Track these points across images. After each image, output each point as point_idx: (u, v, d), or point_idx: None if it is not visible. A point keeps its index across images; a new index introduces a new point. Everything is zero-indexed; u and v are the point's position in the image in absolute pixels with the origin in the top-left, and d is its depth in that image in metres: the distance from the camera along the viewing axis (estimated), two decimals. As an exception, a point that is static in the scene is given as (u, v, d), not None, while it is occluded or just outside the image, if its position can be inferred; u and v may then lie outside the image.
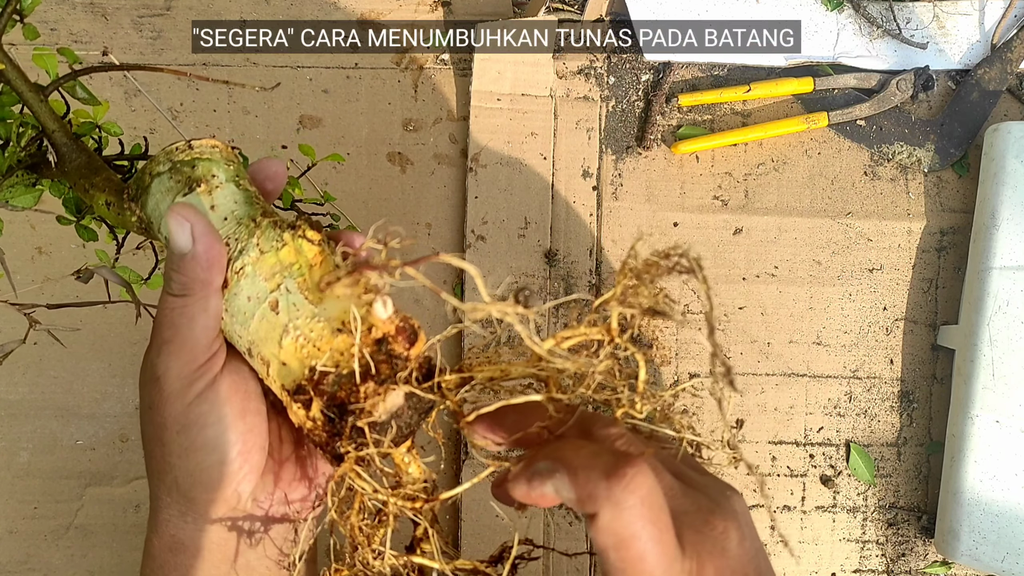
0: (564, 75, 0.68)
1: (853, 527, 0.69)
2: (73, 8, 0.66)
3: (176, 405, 0.35)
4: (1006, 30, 0.70)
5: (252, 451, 0.37)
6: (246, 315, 0.36)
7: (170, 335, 0.35)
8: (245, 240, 0.36)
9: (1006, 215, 0.64)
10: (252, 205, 0.37)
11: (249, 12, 0.67)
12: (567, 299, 0.35)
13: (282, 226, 0.36)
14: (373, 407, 0.34)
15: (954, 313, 0.69)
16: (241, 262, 0.36)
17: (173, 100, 0.67)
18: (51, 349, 0.65)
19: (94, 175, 0.38)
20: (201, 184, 0.36)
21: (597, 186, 0.68)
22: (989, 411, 0.63)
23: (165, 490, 0.37)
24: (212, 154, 0.38)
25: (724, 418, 0.32)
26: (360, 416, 0.34)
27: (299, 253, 0.36)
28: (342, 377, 0.34)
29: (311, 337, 0.35)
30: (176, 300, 0.35)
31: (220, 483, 0.36)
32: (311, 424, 0.34)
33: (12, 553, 0.64)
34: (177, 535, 0.37)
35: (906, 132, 0.70)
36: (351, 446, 0.34)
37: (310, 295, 0.36)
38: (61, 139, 0.39)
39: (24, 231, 0.65)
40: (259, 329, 0.35)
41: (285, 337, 0.35)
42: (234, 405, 0.36)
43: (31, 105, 0.38)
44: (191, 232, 0.34)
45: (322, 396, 0.34)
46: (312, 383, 0.34)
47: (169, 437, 0.36)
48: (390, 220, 0.68)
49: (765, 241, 0.69)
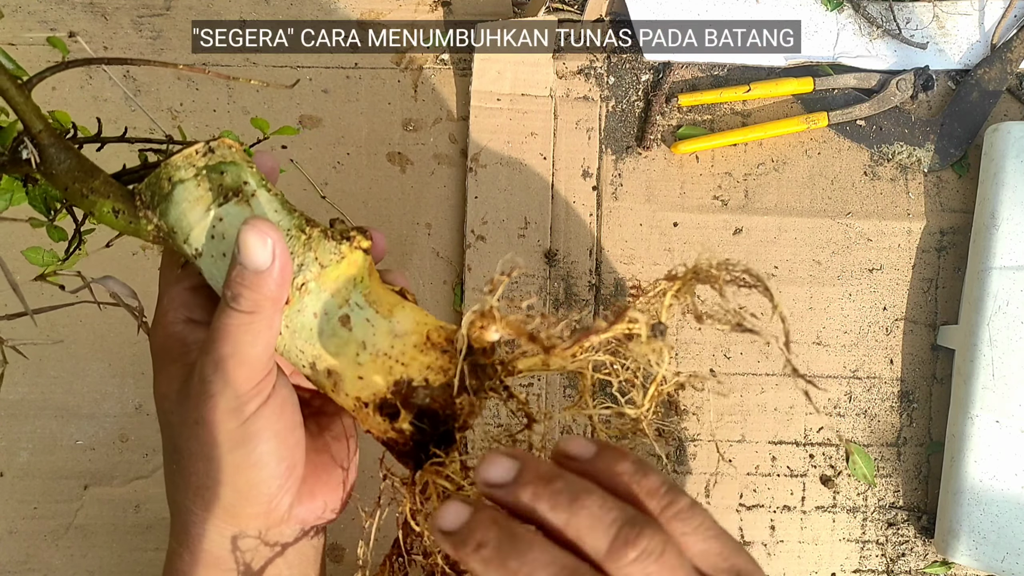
0: (564, 75, 0.68)
1: (853, 527, 0.69)
2: (73, 8, 0.66)
3: (231, 422, 0.35)
4: (1006, 30, 0.70)
5: (297, 464, 0.37)
6: (312, 332, 0.36)
7: (230, 351, 0.34)
8: (302, 254, 0.35)
9: (1006, 215, 0.64)
10: (291, 214, 0.37)
11: (249, 12, 0.67)
12: (586, 330, 0.35)
13: (335, 237, 0.36)
14: (470, 417, 0.35)
15: (954, 313, 0.69)
16: (302, 277, 0.35)
17: (173, 100, 0.67)
18: (51, 349, 0.65)
19: (91, 179, 0.36)
20: (238, 194, 0.35)
21: (597, 186, 0.68)
22: (989, 411, 0.63)
23: (203, 505, 0.36)
24: (235, 157, 0.36)
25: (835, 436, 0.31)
26: (455, 426, 0.35)
27: (357, 265, 0.36)
28: (434, 390, 0.35)
29: (392, 352, 0.35)
30: (241, 316, 0.34)
31: (267, 497, 0.36)
32: (395, 435, 0.35)
33: (12, 553, 0.64)
34: (212, 550, 0.37)
35: (906, 132, 0.70)
36: (442, 452, 0.35)
37: (380, 308, 0.36)
38: (47, 140, 0.36)
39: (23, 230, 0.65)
40: (329, 345, 0.35)
41: (363, 352, 0.35)
42: (287, 420, 0.36)
43: (15, 103, 0.35)
44: (272, 249, 0.33)
45: (411, 409, 0.35)
46: (400, 396, 0.35)
47: (220, 454, 0.35)
48: (390, 220, 0.68)
49: (765, 241, 0.69)
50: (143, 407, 0.66)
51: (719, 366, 0.68)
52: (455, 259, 0.68)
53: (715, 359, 0.68)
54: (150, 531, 0.65)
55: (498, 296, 0.34)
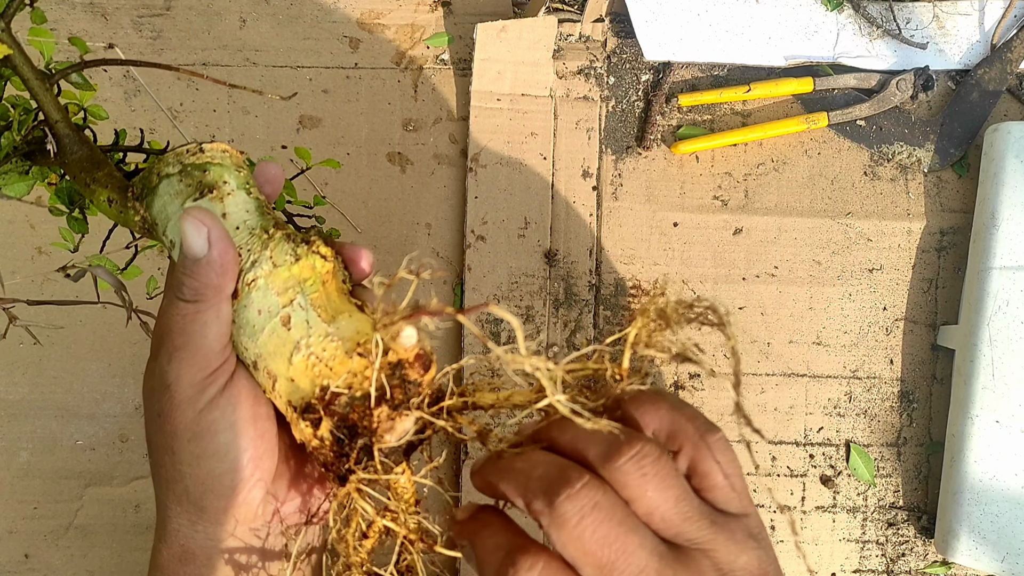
0: (564, 75, 0.68)
1: (853, 527, 0.69)
2: (73, 8, 0.66)
3: (187, 413, 0.35)
4: (1006, 30, 0.70)
5: (263, 457, 0.36)
6: (255, 328, 0.35)
7: (182, 342, 0.35)
8: (258, 252, 0.36)
9: (1006, 215, 0.64)
10: (264, 215, 0.37)
11: (249, 12, 0.67)
12: (582, 352, 0.34)
13: (296, 240, 0.36)
14: (387, 431, 0.34)
15: (954, 313, 0.69)
16: (253, 274, 0.35)
17: (173, 100, 0.67)
18: (51, 349, 0.65)
19: (96, 170, 0.38)
20: (213, 190, 0.36)
21: (597, 186, 0.68)
22: (989, 411, 0.63)
23: (175, 499, 0.36)
24: (223, 159, 0.37)
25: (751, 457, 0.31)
26: (372, 440, 0.34)
27: (313, 269, 0.36)
28: (355, 399, 0.34)
29: (323, 356, 0.35)
30: (188, 306, 0.35)
31: (232, 490, 0.36)
32: (317, 443, 0.34)
33: (12, 553, 0.64)
34: (187, 544, 0.37)
35: (906, 132, 0.70)
36: (359, 468, 0.34)
37: (323, 313, 0.35)
38: (64, 130, 0.38)
39: (24, 231, 0.65)
40: (268, 343, 0.35)
41: (296, 354, 0.35)
42: (245, 410, 0.36)
43: (36, 93, 0.37)
44: (208, 236, 0.34)
45: (332, 416, 0.34)
46: (323, 403, 0.34)
47: (180, 445, 0.35)
48: (390, 220, 0.68)
49: (765, 241, 0.69)
50: (143, 407, 0.66)
51: (719, 366, 0.68)
52: (455, 259, 0.68)
53: (715, 359, 0.68)
54: (150, 531, 0.65)
55: (407, 301, 0.33)
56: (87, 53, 0.41)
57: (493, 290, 0.66)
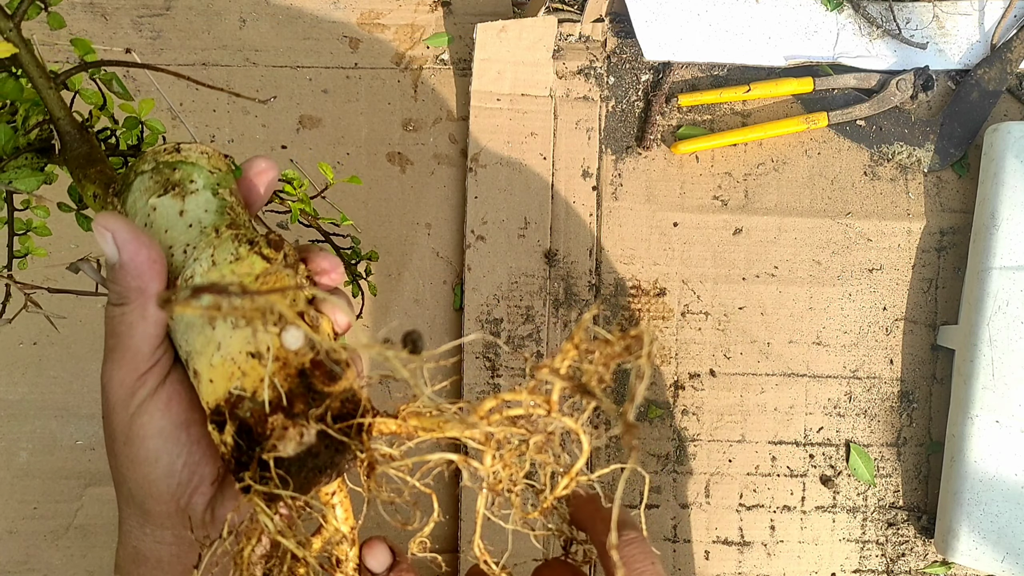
0: (564, 75, 0.68)
1: (853, 527, 0.69)
2: (73, 8, 0.66)
3: (121, 415, 0.35)
4: (1006, 30, 0.70)
5: (200, 463, 0.36)
6: (187, 326, 0.35)
7: (112, 344, 0.35)
8: (201, 250, 0.35)
9: (1006, 215, 0.64)
10: (222, 215, 0.36)
11: (249, 12, 0.67)
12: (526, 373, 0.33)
13: (241, 240, 0.35)
14: (279, 440, 0.32)
15: (954, 313, 0.69)
16: (191, 271, 0.35)
17: (173, 100, 0.67)
18: (51, 349, 0.65)
19: (90, 166, 0.39)
20: (176, 188, 0.36)
21: (597, 186, 0.68)
22: (989, 411, 0.63)
23: (123, 501, 0.36)
24: (198, 159, 0.37)
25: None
26: (265, 448, 0.32)
27: (252, 269, 0.35)
28: (256, 405, 0.32)
29: (238, 359, 0.33)
30: (115, 309, 0.35)
31: (169, 495, 0.35)
32: (223, 448, 0.33)
33: (12, 553, 0.64)
34: (138, 546, 0.36)
35: (906, 132, 0.70)
36: (255, 479, 0.32)
37: None
38: (66, 127, 0.39)
39: (24, 231, 0.65)
40: (196, 342, 0.34)
41: (216, 354, 0.34)
42: (177, 415, 0.35)
43: (41, 92, 0.38)
44: (113, 241, 0.34)
45: (235, 421, 0.33)
46: (228, 405, 0.33)
47: (117, 448, 0.35)
48: (390, 220, 0.68)
49: (765, 241, 0.69)
50: (143, 407, 0.66)
51: (719, 366, 0.68)
52: (455, 259, 0.68)
53: (715, 359, 0.68)
54: (150, 531, 0.65)
55: (292, 300, 0.32)
56: (88, 54, 0.41)
57: (493, 290, 0.66)
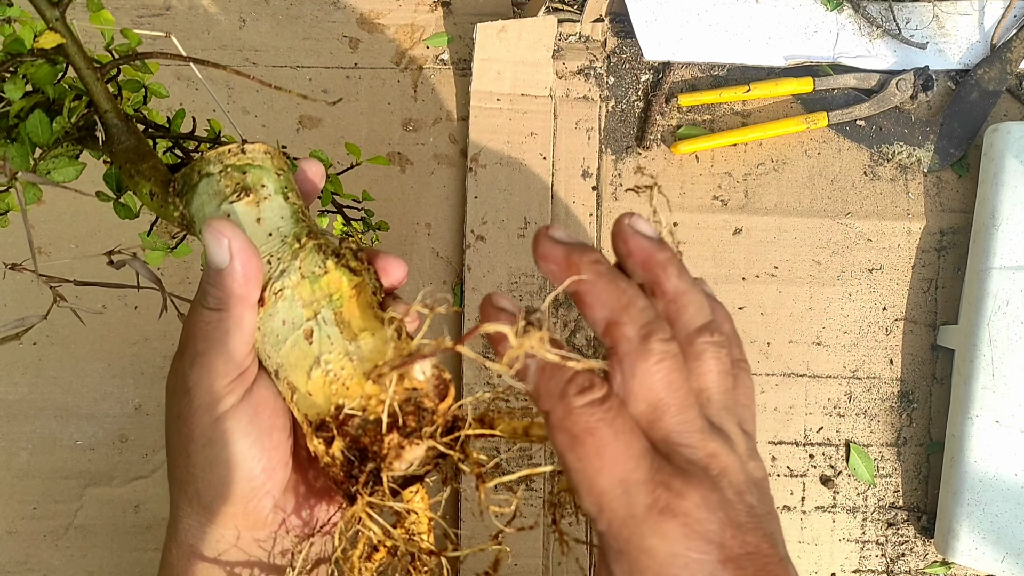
0: (564, 75, 0.68)
1: (853, 527, 0.69)
2: (73, 7, 0.66)
3: (204, 418, 0.35)
4: (1006, 30, 0.70)
5: (276, 468, 0.37)
6: (278, 338, 0.35)
7: (203, 348, 0.35)
8: (288, 261, 0.36)
9: (1006, 215, 0.64)
10: (298, 223, 0.37)
11: (249, 12, 0.67)
12: None
13: (326, 251, 0.36)
14: (396, 459, 0.34)
15: (954, 313, 0.69)
16: (281, 283, 0.35)
17: (173, 100, 0.67)
18: (51, 349, 0.65)
19: (141, 161, 0.38)
20: (250, 194, 0.36)
21: (597, 186, 0.68)
22: (989, 411, 0.63)
23: (187, 500, 0.37)
24: (264, 161, 0.37)
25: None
26: (381, 466, 0.34)
27: (340, 282, 0.36)
28: (368, 423, 0.34)
29: (341, 375, 0.35)
30: (212, 314, 0.35)
31: (242, 498, 0.36)
32: (329, 460, 0.34)
33: (12, 553, 0.64)
34: (195, 545, 0.37)
35: (906, 132, 0.70)
36: (366, 491, 0.34)
37: (346, 330, 0.35)
38: (113, 120, 0.38)
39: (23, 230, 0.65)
40: (290, 355, 0.35)
41: (315, 369, 0.35)
42: (262, 422, 0.36)
43: (88, 83, 0.38)
44: (228, 247, 0.34)
45: (344, 437, 0.34)
46: (336, 422, 0.34)
47: (195, 449, 0.35)
48: (390, 220, 0.68)
49: (765, 241, 0.69)
50: (143, 407, 0.66)
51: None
52: (455, 259, 0.68)
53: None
54: (150, 531, 0.65)
55: (423, 333, 0.33)
56: (139, 44, 0.42)
57: (493, 290, 0.66)
